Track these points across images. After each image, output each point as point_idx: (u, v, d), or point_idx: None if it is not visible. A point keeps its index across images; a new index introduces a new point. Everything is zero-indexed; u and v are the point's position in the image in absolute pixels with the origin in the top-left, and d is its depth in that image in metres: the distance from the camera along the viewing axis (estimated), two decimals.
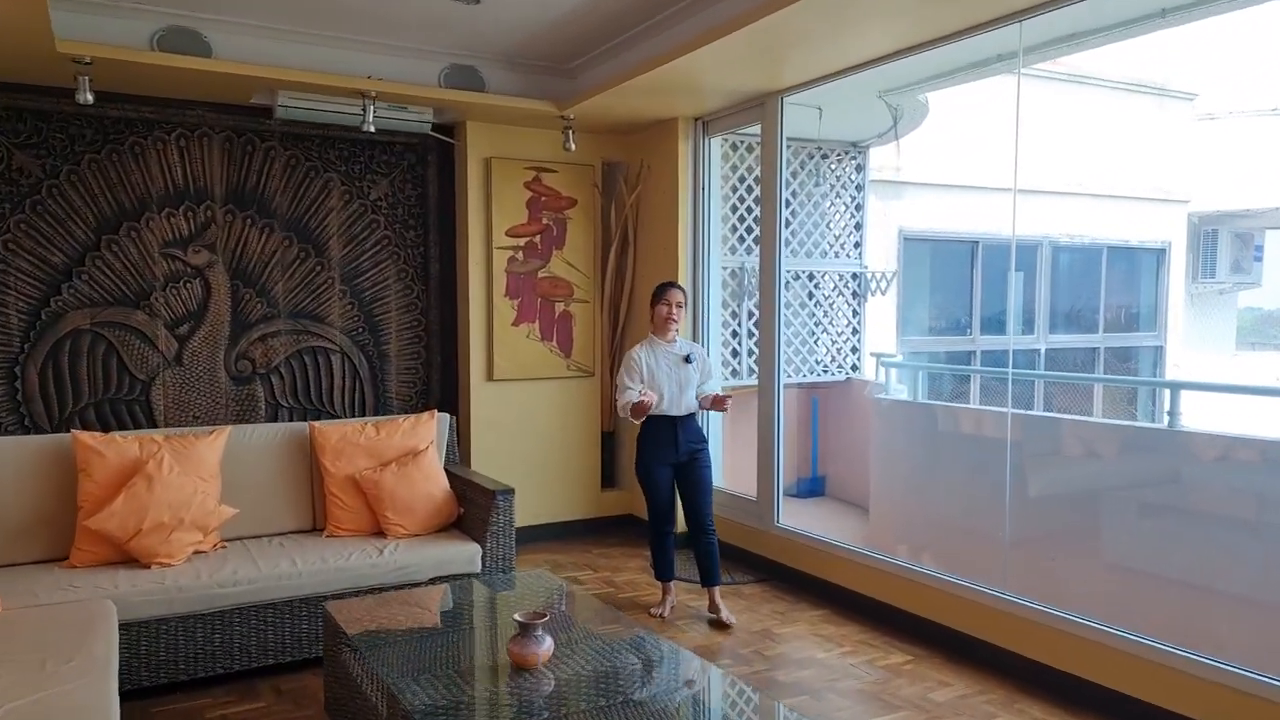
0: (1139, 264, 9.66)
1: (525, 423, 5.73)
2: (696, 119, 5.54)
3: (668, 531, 4.39)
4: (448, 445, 4.59)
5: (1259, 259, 11.39)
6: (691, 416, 4.36)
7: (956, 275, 8.62)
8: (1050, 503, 4.36)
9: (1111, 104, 9.22)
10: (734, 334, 6.35)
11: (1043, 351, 8.93)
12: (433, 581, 3.92)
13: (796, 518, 6.36)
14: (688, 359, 4.33)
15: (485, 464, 5.57)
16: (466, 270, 5.55)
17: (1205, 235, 11.06)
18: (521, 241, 5.64)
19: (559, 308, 5.79)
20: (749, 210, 6.39)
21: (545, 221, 5.71)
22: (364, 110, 4.79)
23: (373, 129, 4.86)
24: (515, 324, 5.65)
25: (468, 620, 3.30)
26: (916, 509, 5.14)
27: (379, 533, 4.11)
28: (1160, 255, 9.62)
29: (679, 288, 4.41)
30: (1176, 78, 9.55)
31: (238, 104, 4.95)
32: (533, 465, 5.75)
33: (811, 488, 7.02)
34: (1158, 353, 9.71)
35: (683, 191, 5.58)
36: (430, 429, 4.39)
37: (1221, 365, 10.65)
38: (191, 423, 4.96)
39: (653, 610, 4.41)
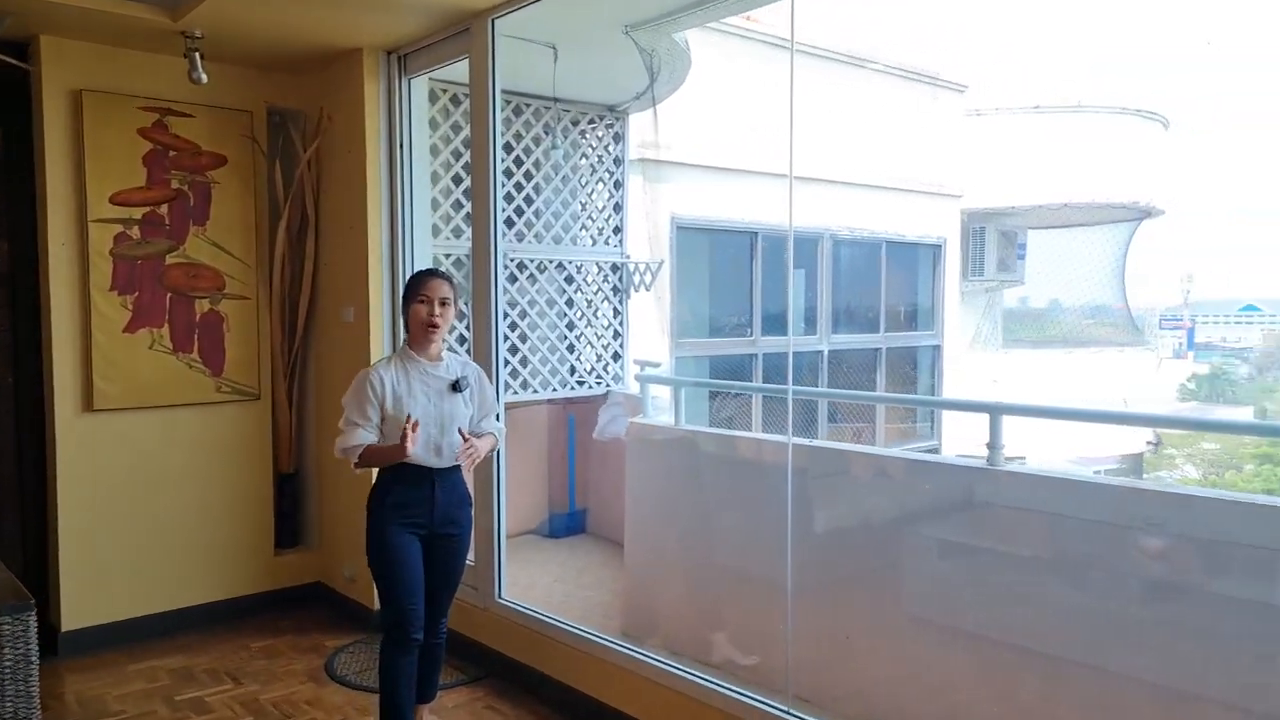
0: (917, 260, 9.22)
1: (150, 468, 4.06)
2: (389, 52, 4.11)
3: (415, 642, 2.86)
4: None
5: (1022, 257, 11.46)
6: (456, 470, 2.91)
7: (735, 269, 7.70)
8: (839, 548, 3.33)
9: (887, 91, 8.70)
10: (460, 339, 4.96)
11: (826, 353, 8.22)
12: None
13: (542, 570, 5.08)
14: (456, 385, 2.88)
15: (80, 534, 3.86)
16: (46, 253, 3.82)
17: (974, 233, 10.95)
18: (137, 213, 3.97)
19: (201, 306, 4.16)
20: (458, 179, 5.04)
21: (176, 186, 4.07)
22: None
23: None
24: (129, 329, 3.96)
25: None
26: (682, 564, 3.96)
27: None
28: (937, 251, 9.22)
29: (444, 277, 2.91)
30: (948, 68, 9.20)
31: None
32: (161, 528, 4.09)
33: (570, 525, 5.77)
34: (936, 352, 9.32)
35: (375, 150, 4.13)
36: None
37: (992, 364, 10.52)
38: None
39: None
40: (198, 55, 3.74)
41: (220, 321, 4.21)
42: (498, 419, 2.99)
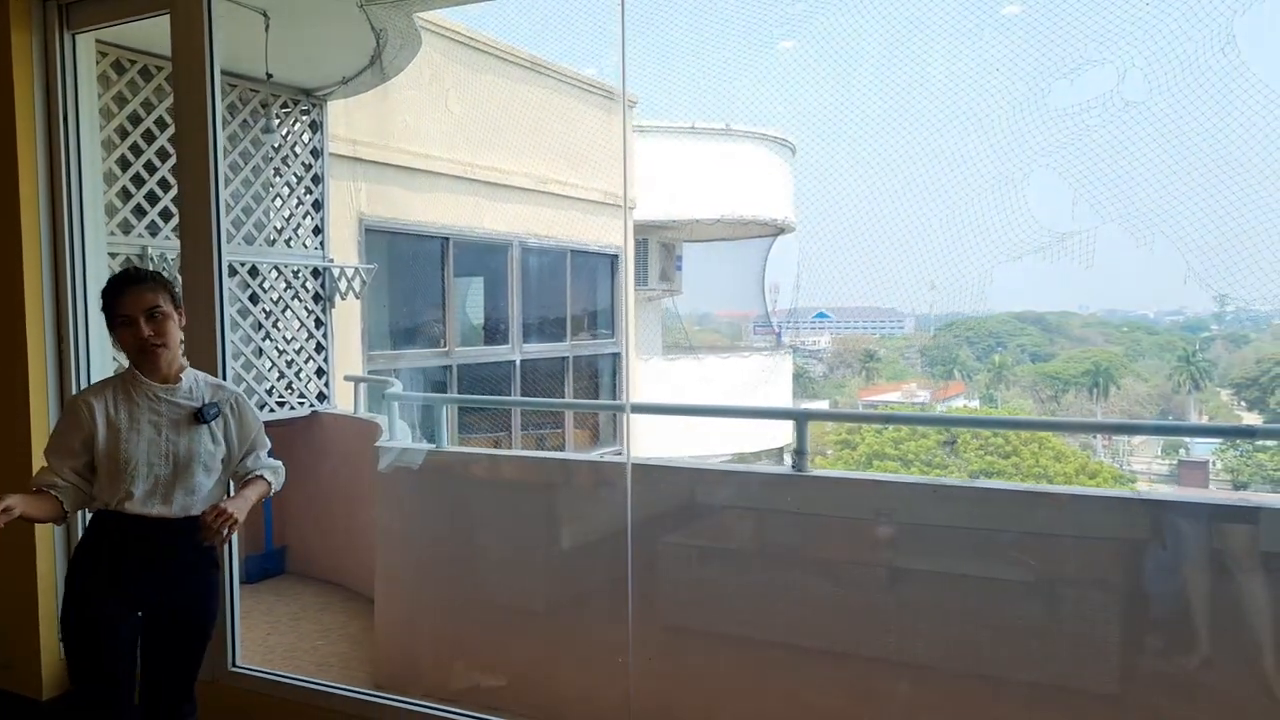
0: (597, 269, 9.51)
1: None
2: None
3: None
4: None
5: (679, 268, 12.36)
6: (193, 525, 2.21)
7: (426, 276, 7.34)
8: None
9: (565, 103, 8.87)
10: None
11: (518, 363, 8.15)
12: None
13: (251, 622, 4.38)
14: (200, 415, 2.27)
15: None
16: None
17: (638, 244, 11.58)
18: None
19: None
20: (151, 167, 4.25)
21: None
22: None
23: None
24: None
25: None
26: (458, 602, 3.63)
27: None
28: (614, 261, 9.59)
29: (148, 279, 2.25)
30: (619, 85, 9.62)
31: None
32: None
33: (265, 567, 5.05)
34: (617, 359, 9.68)
35: (27, 123, 3.26)
36: None
37: (659, 370, 11.18)
38: None
39: None
40: None
41: None
42: (271, 454, 2.45)
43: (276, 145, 4.90)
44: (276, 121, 4.84)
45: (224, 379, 3.06)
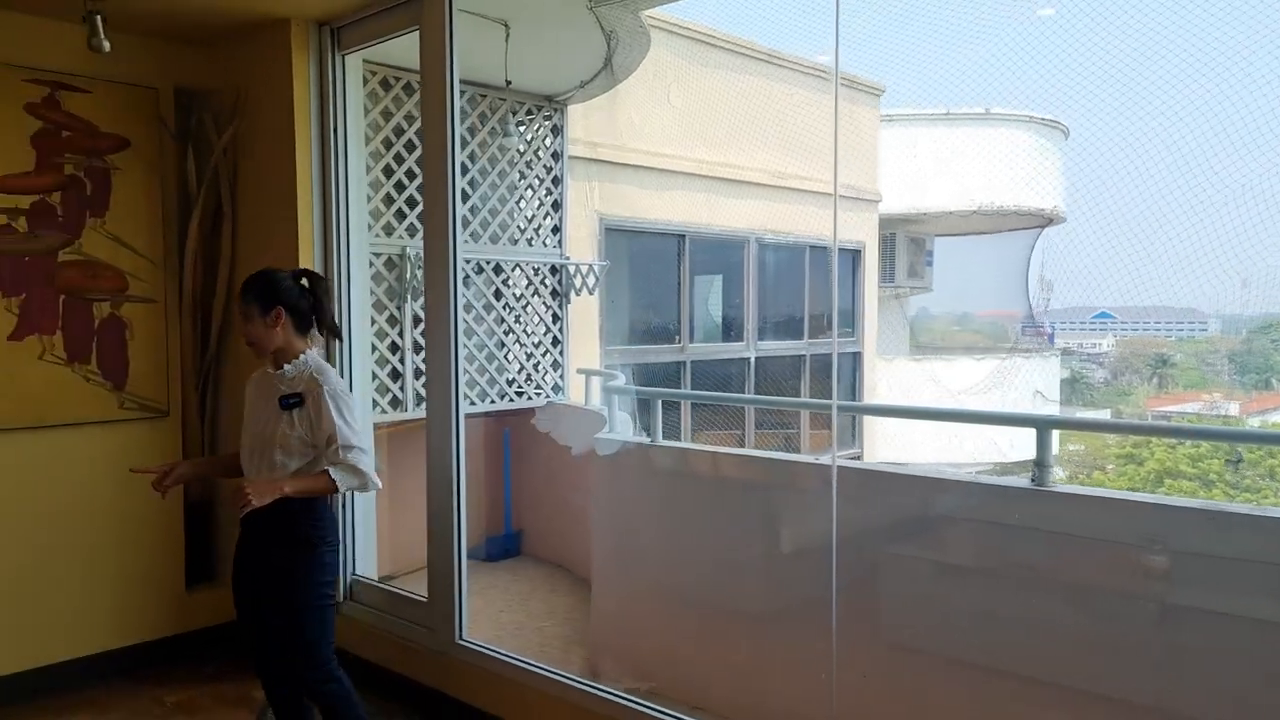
0: (838, 265, 9.22)
1: (40, 497, 3.49)
2: (322, 23, 3.67)
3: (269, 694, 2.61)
4: None
5: (930, 264, 11.69)
6: (274, 503, 2.39)
7: (662, 273, 7.47)
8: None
9: (800, 94, 8.65)
10: (393, 348, 4.55)
11: (753, 360, 8.09)
12: None
13: (485, 598, 4.69)
14: (286, 400, 2.48)
15: None
16: None
17: (885, 239, 11.08)
18: (25, 202, 3.41)
19: (101, 310, 3.62)
20: (411, 174, 4.64)
21: (70, 171, 3.52)
22: None
23: None
24: (15, 337, 3.40)
25: None
26: (664, 596, 3.67)
27: None
28: (856, 257, 9.25)
29: (244, 286, 2.56)
30: (866, 73, 9.26)
31: None
32: (53, 566, 3.53)
33: (505, 548, 5.39)
34: (856, 359, 9.34)
35: (306, 136, 3.69)
36: None
37: (907, 372, 10.65)
38: None
39: None
40: (99, 18, 3.22)
41: (122, 328, 3.67)
42: (356, 455, 2.45)
43: (521, 150, 5.18)
44: (521, 127, 5.12)
45: (454, 365, 3.27)
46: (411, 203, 4.64)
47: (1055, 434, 3.19)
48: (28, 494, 3.46)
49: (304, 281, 2.57)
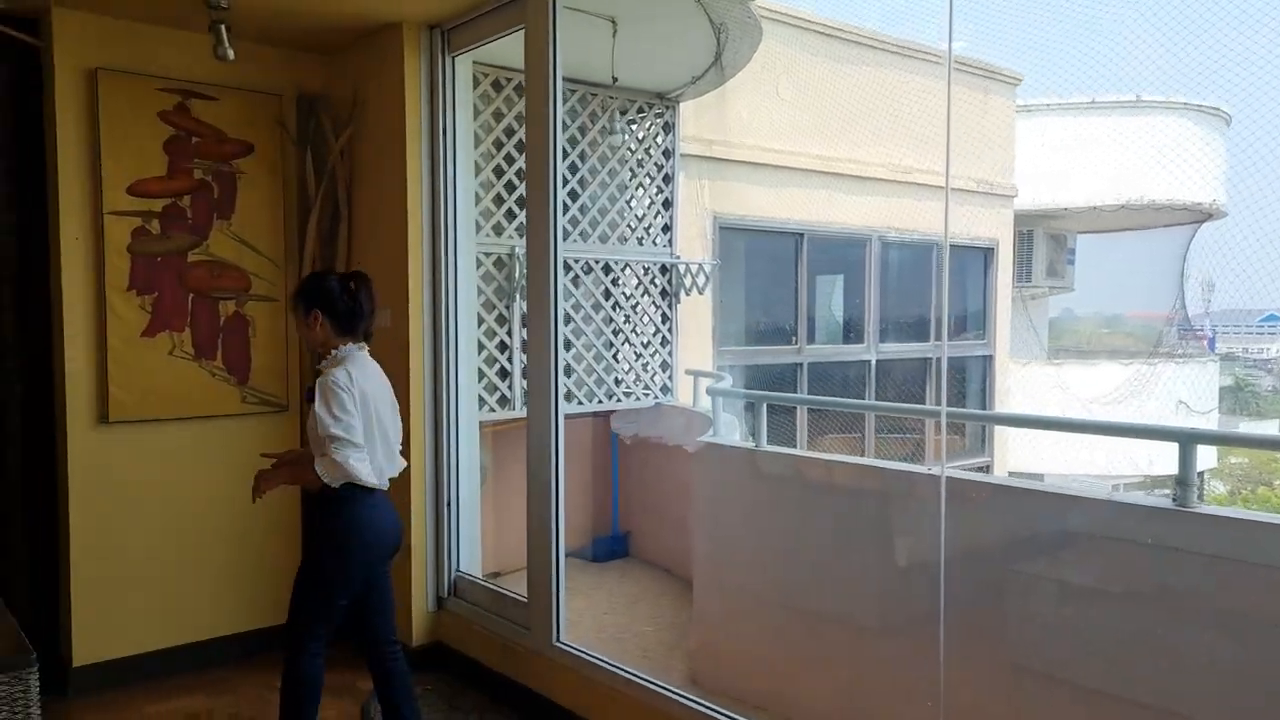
0: (967, 264, 8.78)
1: (171, 486, 3.69)
2: (432, 26, 3.73)
3: None
4: None
5: (1071, 262, 10.99)
6: (321, 488, 2.58)
7: (779, 272, 7.29)
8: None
9: (928, 80, 8.26)
10: (501, 346, 4.59)
11: (874, 364, 7.79)
12: None
13: (590, 600, 4.67)
14: (308, 394, 2.63)
15: (94, 558, 3.49)
16: (59, 249, 3.46)
17: (1022, 236, 10.48)
18: (158, 205, 3.61)
19: (226, 308, 3.79)
20: (521, 175, 4.66)
21: (199, 176, 3.71)
22: None
23: None
24: (149, 334, 3.60)
25: None
26: (768, 606, 3.53)
27: None
28: (988, 255, 8.78)
29: (296, 288, 2.83)
30: (1001, 60, 8.77)
31: None
32: (184, 551, 3.72)
33: (612, 549, 5.36)
34: (987, 362, 8.87)
35: (416, 137, 3.76)
36: None
37: (1043, 377, 10.03)
38: None
39: None
40: (223, 27, 3.36)
41: (246, 325, 3.84)
42: (330, 443, 2.50)
43: (632, 148, 5.14)
44: (633, 125, 5.08)
45: (554, 365, 3.25)
46: (521, 203, 4.66)
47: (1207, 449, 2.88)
48: (161, 483, 3.66)
49: (351, 284, 2.70)
